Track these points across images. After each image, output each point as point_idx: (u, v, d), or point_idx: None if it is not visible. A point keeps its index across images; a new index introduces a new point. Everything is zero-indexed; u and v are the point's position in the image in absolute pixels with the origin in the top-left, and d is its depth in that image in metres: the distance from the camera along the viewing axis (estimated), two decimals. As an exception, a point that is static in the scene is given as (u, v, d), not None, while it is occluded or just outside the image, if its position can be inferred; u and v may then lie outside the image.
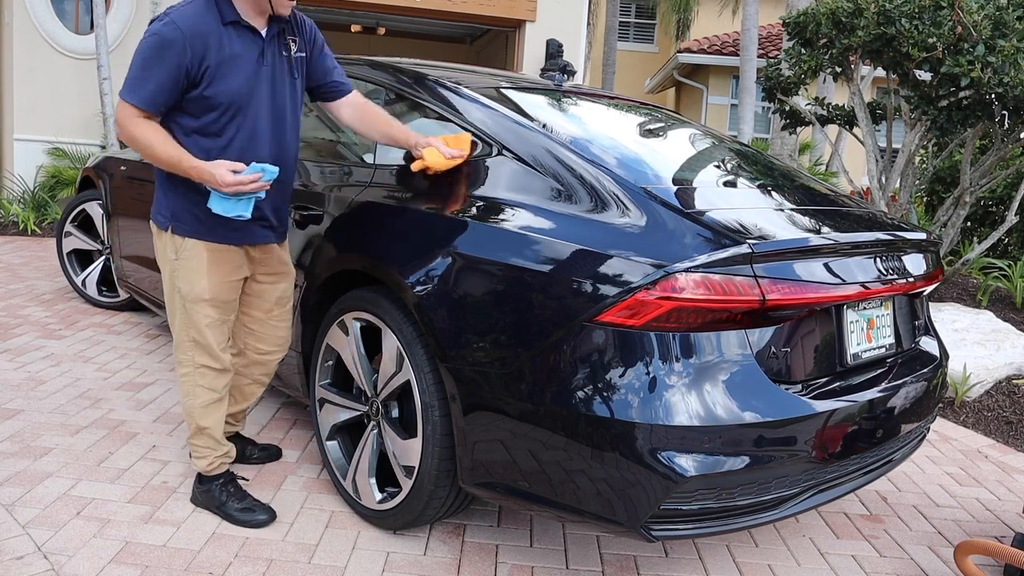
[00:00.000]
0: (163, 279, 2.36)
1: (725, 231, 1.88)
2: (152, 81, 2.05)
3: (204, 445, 2.40)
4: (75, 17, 8.38)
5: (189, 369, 2.35)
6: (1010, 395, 3.99)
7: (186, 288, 2.28)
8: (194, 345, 2.33)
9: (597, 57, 16.94)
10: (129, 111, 2.09)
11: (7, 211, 7.65)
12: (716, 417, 1.81)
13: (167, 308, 2.39)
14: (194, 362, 2.34)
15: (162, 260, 2.33)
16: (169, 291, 2.34)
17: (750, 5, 10.17)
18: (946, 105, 4.42)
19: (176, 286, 2.30)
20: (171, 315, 2.36)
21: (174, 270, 2.29)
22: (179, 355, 2.36)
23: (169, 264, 2.30)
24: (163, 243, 2.30)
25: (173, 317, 2.35)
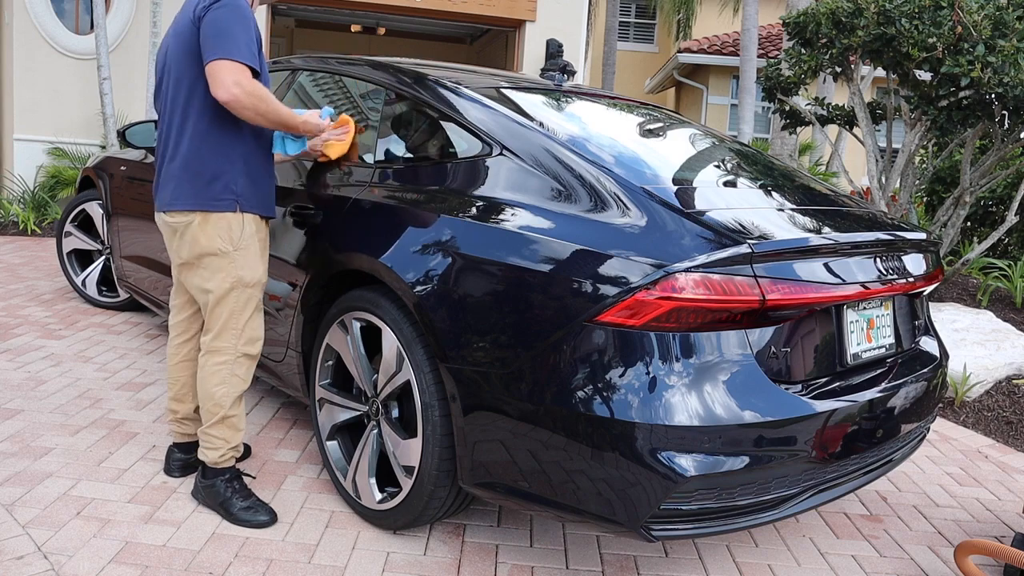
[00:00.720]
0: (203, 274, 2.30)
1: (725, 231, 1.88)
2: (249, 43, 2.15)
3: (220, 436, 2.38)
4: (75, 17, 8.39)
5: (229, 357, 2.35)
6: (1010, 395, 3.99)
7: (249, 274, 2.32)
8: (239, 333, 2.35)
9: (597, 57, 16.94)
10: (244, 71, 2.14)
11: (7, 211, 7.65)
12: (716, 417, 1.81)
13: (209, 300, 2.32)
14: (236, 350, 2.35)
15: (211, 251, 2.27)
16: (220, 282, 2.29)
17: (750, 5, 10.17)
18: (946, 105, 4.42)
19: (236, 276, 2.30)
20: (214, 307, 2.32)
21: (232, 260, 2.29)
22: (217, 343, 2.34)
23: (224, 256, 2.28)
24: (216, 231, 2.26)
25: (218, 308, 2.32)
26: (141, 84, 8.30)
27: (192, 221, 2.27)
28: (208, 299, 2.32)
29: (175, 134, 2.28)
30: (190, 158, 2.25)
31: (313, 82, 3.13)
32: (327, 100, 3.03)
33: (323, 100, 3.04)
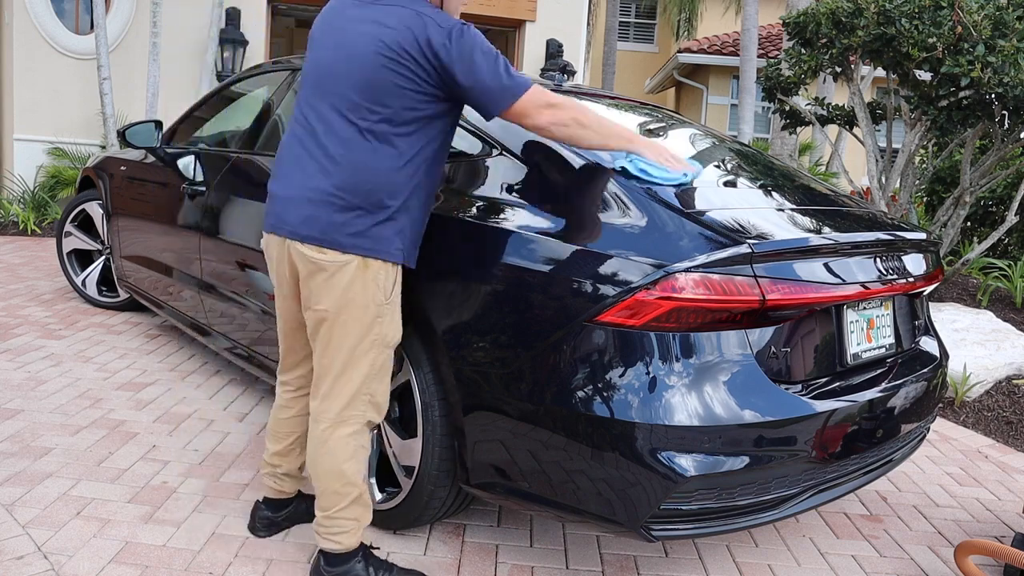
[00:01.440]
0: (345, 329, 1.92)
1: (725, 231, 1.88)
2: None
3: (353, 517, 2.02)
4: (75, 17, 8.39)
5: (357, 427, 2.00)
6: (1010, 395, 3.99)
7: (391, 333, 1.99)
8: (369, 400, 2.00)
9: (597, 57, 16.94)
10: (546, 92, 1.92)
11: (7, 211, 7.65)
12: (716, 417, 1.81)
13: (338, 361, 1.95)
14: (363, 419, 2.01)
15: (359, 305, 1.91)
16: (357, 341, 1.93)
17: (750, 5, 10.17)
18: (946, 105, 4.42)
19: (380, 333, 1.96)
20: (346, 369, 1.95)
21: (380, 315, 1.95)
22: (346, 413, 1.97)
23: (374, 308, 1.93)
24: (372, 282, 1.91)
25: (351, 370, 1.95)
26: (141, 84, 8.30)
27: (350, 263, 1.90)
28: (340, 360, 1.95)
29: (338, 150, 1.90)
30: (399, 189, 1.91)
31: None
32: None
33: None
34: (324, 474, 2.00)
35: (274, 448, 2.24)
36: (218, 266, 3.17)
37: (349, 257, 1.88)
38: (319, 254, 1.88)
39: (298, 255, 1.93)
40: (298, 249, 1.92)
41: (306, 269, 1.92)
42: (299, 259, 1.93)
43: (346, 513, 2.01)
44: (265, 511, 2.31)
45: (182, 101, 8.00)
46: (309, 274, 1.92)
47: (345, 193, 1.87)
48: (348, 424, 1.99)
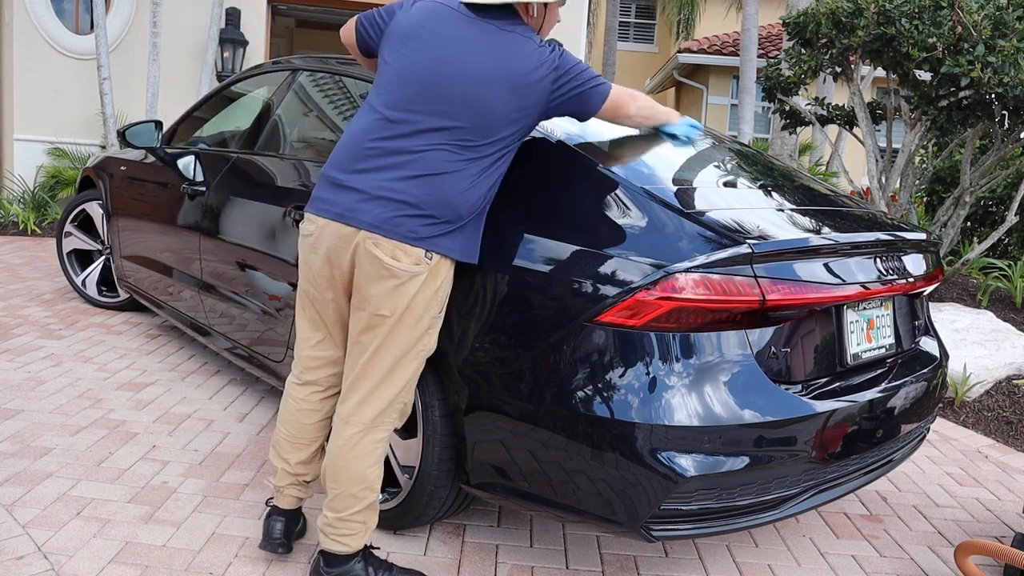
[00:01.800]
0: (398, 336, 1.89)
1: (725, 231, 1.88)
2: None
3: (363, 520, 2.01)
4: (75, 17, 8.38)
5: (386, 435, 1.99)
6: (1010, 395, 3.99)
7: (433, 343, 1.98)
8: (401, 408, 1.99)
9: (597, 57, 16.93)
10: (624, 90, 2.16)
11: (7, 211, 7.65)
12: (716, 417, 1.81)
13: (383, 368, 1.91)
14: (392, 426, 2.00)
15: (417, 315, 1.89)
16: (406, 350, 1.91)
17: (750, 5, 10.16)
18: (946, 105, 4.42)
19: (428, 344, 1.96)
20: (389, 376, 1.92)
21: (432, 327, 1.95)
22: (379, 419, 1.95)
23: (427, 320, 1.92)
24: (434, 295, 1.91)
25: (393, 378, 1.93)
26: (141, 84, 8.30)
27: (420, 275, 1.87)
28: (385, 366, 1.91)
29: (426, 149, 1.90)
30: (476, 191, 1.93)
31: (313, 82, 3.13)
32: (327, 100, 3.03)
33: (323, 100, 3.04)
34: (346, 478, 1.95)
35: (299, 457, 2.12)
36: (218, 266, 3.17)
37: (421, 268, 1.86)
38: (393, 260, 1.84)
39: (369, 257, 1.86)
40: (370, 251, 1.85)
41: (375, 272, 1.86)
42: (368, 260, 1.86)
43: (358, 517, 1.99)
44: (286, 523, 2.17)
45: (182, 101, 8.00)
46: (378, 278, 1.86)
47: (427, 205, 1.86)
48: (379, 430, 1.96)
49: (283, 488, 2.16)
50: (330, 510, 2.00)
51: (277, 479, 2.16)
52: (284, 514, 2.18)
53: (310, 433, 2.12)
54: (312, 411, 2.11)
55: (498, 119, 1.90)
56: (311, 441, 2.12)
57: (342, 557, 2.01)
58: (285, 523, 2.17)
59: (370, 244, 1.85)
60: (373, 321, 1.89)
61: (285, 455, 2.13)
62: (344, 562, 2.01)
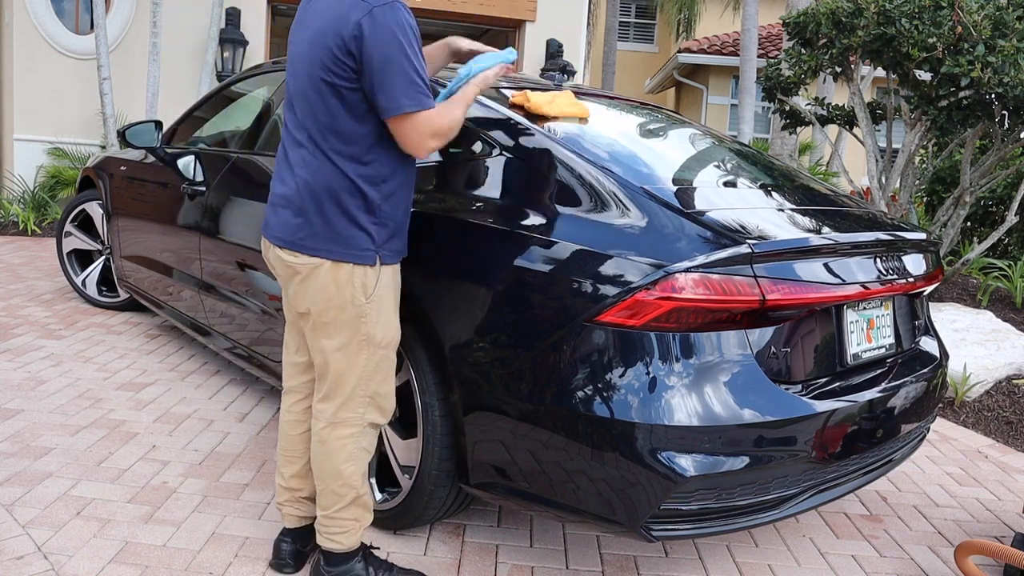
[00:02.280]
0: (328, 330, 1.91)
1: (725, 231, 1.88)
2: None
3: (352, 517, 2.01)
4: (75, 17, 8.38)
5: (356, 429, 1.98)
6: (1010, 395, 3.99)
7: (380, 333, 1.95)
8: (369, 401, 1.98)
9: (597, 57, 16.93)
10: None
11: (7, 211, 7.65)
12: (716, 417, 1.81)
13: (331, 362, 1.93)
14: (363, 420, 1.99)
15: (337, 306, 1.89)
16: (346, 342, 1.92)
17: (750, 5, 10.16)
18: (946, 105, 4.42)
19: (367, 333, 1.93)
20: (342, 372, 1.94)
21: (363, 315, 1.91)
22: (343, 414, 1.96)
23: (354, 308, 1.90)
24: (348, 284, 1.88)
25: (346, 373, 1.94)
26: (141, 84, 8.30)
27: (321, 265, 1.89)
28: (331, 361, 1.94)
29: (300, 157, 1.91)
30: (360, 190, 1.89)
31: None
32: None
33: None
34: (324, 474, 1.99)
35: (290, 470, 2.12)
36: (218, 266, 3.17)
37: (318, 260, 1.88)
38: (292, 258, 1.90)
39: (277, 260, 1.96)
40: (277, 254, 1.95)
41: (285, 273, 1.95)
42: (278, 264, 1.96)
43: (345, 513, 2.00)
44: (292, 544, 2.14)
45: (182, 101, 8.00)
46: (288, 278, 1.94)
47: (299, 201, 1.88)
48: (346, 426, 1.97)
49: (282, 505, 2.16)
50: (319, 508, 2.03)
51: (277, 496, 2.17)
52: (291, 534, 2.15)
53: (298, 445, 2.12)
54: (297, 422, 2.12)
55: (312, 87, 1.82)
56: (301, 454, 2.12)
57: (341, 556, 2.02)
58: (292, 543, 2.15)
59: (276, 251, 1.95)
60: (303, 320, 1.96)
61: (281, 469, 2.15)
62: (344, 561, 2.02)
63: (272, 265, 2.01)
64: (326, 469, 1.98)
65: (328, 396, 1.97)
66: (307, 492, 2.14)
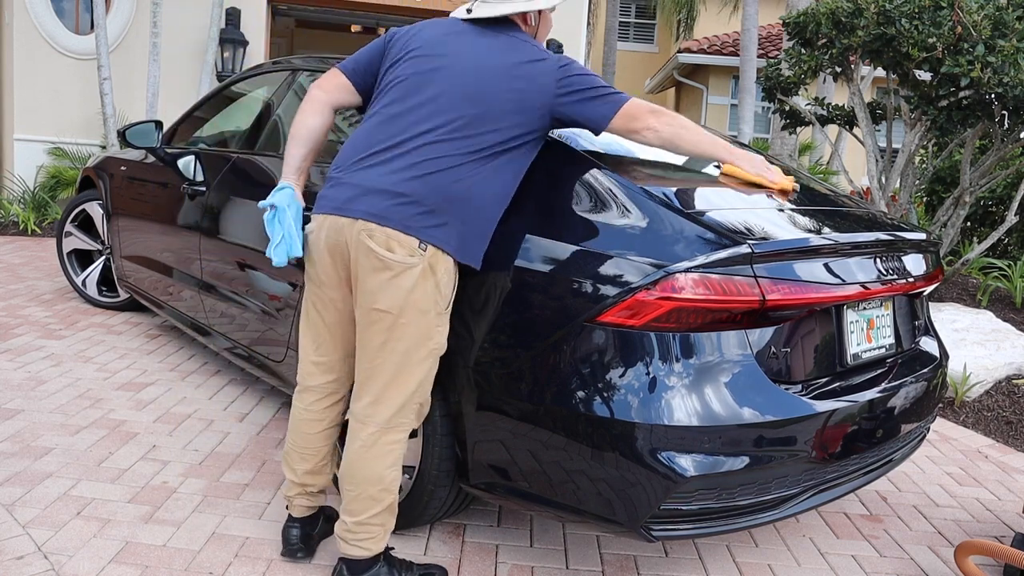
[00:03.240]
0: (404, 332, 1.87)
1: (725, 231, 1.88)
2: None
3: (381, 523, 1.99)
4: (75, 17, 8.38)
5: (403, 436, 1.96)
6: (1010, 395, 3.99)
7: (443, 341, 1.96)
8: (418, 409, 1.97)
9: (597, 57, 16.93)
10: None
11: (7, 211, 7.65)
12: (716, 417, 1.81)
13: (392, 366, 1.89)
14: (410, 427, 1.97)
15: (420, 309, 1.87)
16: (414, 347, 1.89)
17: (750, 5, 10.16)
18: (946, 105, 4.42)
19: (439, 342, 1.94)
20: (400, 375, 1.90)
21: (440, 323, 1.93)
22: (397, 419, 1.93)
23: (434, 316, 1.90)
24: (435, 288, 1.88)
25: (406, 377, 1.90)
26: (141, 84, 8.30)
27: (418, 265, 1.85)
28: (392, 363, 1.89)
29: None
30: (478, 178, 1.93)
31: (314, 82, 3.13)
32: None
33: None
34: (363, 479, 1.93)
35: (305, 467, 2.12)
36: (218, 266, 3.17)
37: (415, 260, 1.85)
38: (387, 252, 1.84)
39: (364, 249, 1.86)
40: (365, 243, 1.85)
41: (370, 264, 1.85)
42: (363, 253, 1.86)
43: (377, 519, 1.97)
44: (302, 530, 2.18)
45: (182, 101, 8.00)
46: (372, 270, 1.85)
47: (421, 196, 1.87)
48: (397, 431, 1.94)
49: (292, 498, 2.17)
50: (348, 514, 1.98)
51: (286, 489, 2.18)
52: (298, 521, 2.18)
53: (314, 443, 2.11)
54: (315, 420, 2.10)
55: (494, 108, 1.92)
56: (316, 451, 2.12)
57: (365, 562, 2.00)
58: (300, 528, 2.17)
59: (364, 236, 1.85)
60: (372, 316, 1.88)
61: (293, 465, 2.14)
62: (368, 567, 2.00)
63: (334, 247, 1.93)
64: (367, 475, 1.93)
65: (381, 400, 1.91)
66: (317, 488, 2.16)
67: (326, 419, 2.11)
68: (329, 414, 2.11)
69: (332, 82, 2.12)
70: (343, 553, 2.01)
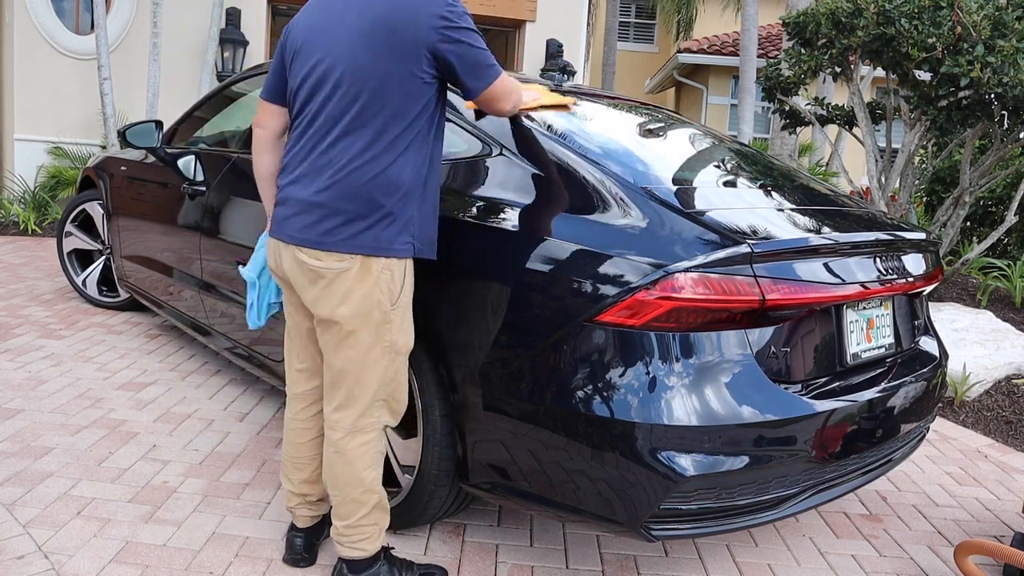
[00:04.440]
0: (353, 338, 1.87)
1: (725, 231, 1.88)
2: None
3: (374, 522, 2.00)
4: (75, 17, 8.39)
5: (374, 435, 1.96)
6: (1009, 395, 3.99)
7: (402, 338, 1.95)
8: (384, 405, 1.97)
9: (597, 57, 16.94)
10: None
11: (8, 211, 7.65)
12: (716, 417, 1.81)
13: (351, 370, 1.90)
14: (378, 425, 1.97)
15: (364, 312, 1.86)
16: (366, 348, 1.89)
17: (750, 5, 10.16)
18: (946, 105, 4.42)
19: (389, 339, 1.91)
20: (360, 378, 1.91)
21: (388, 321, 1.90)
22: (362, 422, 1.94)
23: (380, 314, 1.88)
24: (376, 284, 1.86)
25: (364, 379, 1.91)
26: (141, 84, 8.30)
27: (350, 268, 1.85)
28: (350, 368, 1.91)
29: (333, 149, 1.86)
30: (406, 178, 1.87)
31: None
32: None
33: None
34: (343, 483, 1.95)
35: (300, 476, 2.13)
36: (218, 266, 3.18)
37: (346, 264, 1.83)
38: (316, 262, 1.85)
39: (297, 263, 1.89)
40: (297, 257, 1.88)
41: (304, 277, 1.88)
42: (297, 267, 1.89)
43: (367, 520, 1.99)
44: (305, 539, 2.18)
45: (182, 101, 8.00)
46: (308, 282, 1.88)
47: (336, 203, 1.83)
48: (365, 432, 1.96)
49: (294, 509, 2.18)
50: (338, 519, 2.00)
51: (287, 500, 2.18)
52: (303, 531, 2.19)
53: (306, 452, 2.13)
54: (304, 429, 2.12)
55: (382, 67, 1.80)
56: (309, 460, 2.13)
57: (364, 562, 2.01)
58: (305, 539, 2.18)
59: (295, 251, 1.89)
60: (321, 326, 1.92)
61: (289, 475, 2.16)
62: (367, 566, 2.01)
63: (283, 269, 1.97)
64: (346, 479, 1.95)
65: (345, 405, 1.94)
66: (317, 495, 2.17)
67: (315, 427, 2.12)
68: (317, 422, 2.12)
69: (263, 116, 2.08)
70: (341, 555, 2.02)
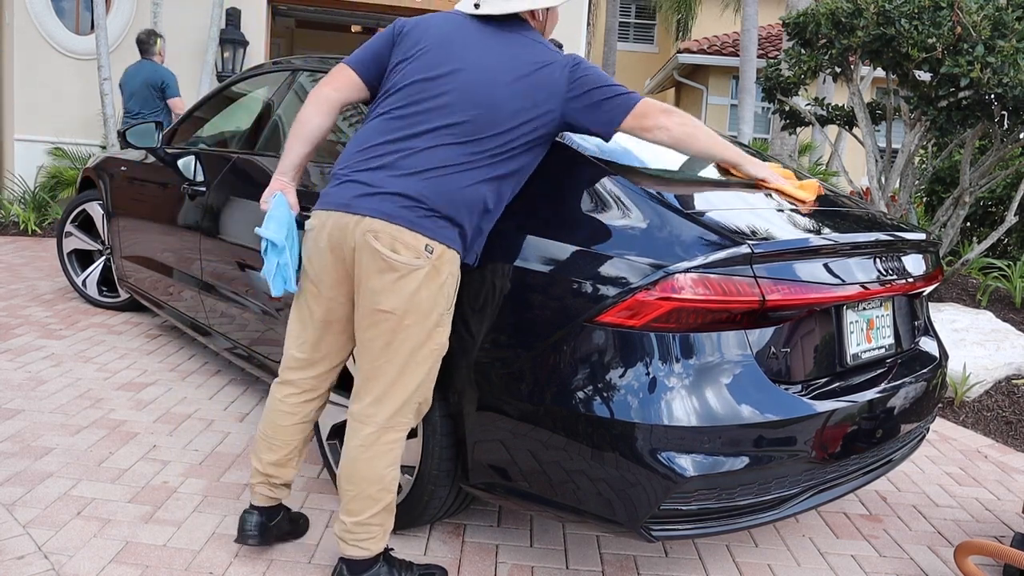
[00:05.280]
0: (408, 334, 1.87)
1: (725, 232, 1.88)
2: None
3: (380, 523, 1.98)
4: (75, 17, 8.38)
5: (402, 435, 1.96)
6: (1009, 395, 3.99)
7: (445, 341, 1.96)
8: (418, 408, 1.97)
9: (597, 57, 16.94)
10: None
11: (8, 211, 7.65)
12: (716, 417, 1.81)
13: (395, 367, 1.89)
14: (408, 426, 1.97)
15: (424, 311, 1.87)
16: (417, 347, 1.89)
17: (750, 5, 10.16)
18: (946, 105, 4.42)
19: (439, 342, 1.93)
20: (402, 375, 1.90)
21: (441, 324, 1.92)
22: (397, 419, 1.93)
23: (436, 316, 1.90)
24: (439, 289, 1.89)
25: (407, 377, 1.90)
26: (141, 84, 8.28)
27: (422, 267, 1.85)
28: (395, 364, 1.89)
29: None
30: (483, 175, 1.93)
31: (313, 82, 3.13)
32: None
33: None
34: (362, 479, 1.93)
35: (271, 458, 2.12)
36: (218, 266, 3.18)
37: (421, 262, 1.84)
38: (392, 253, 1.83)
39: (368, 250, 1.84)
40: (370, 244, 1.84)
41: (374, 265, 1.84)
42: (368, 253, 1.85)
43: (376, 519, 1.97)
44: (257, 518, 2.16)
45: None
46: (377, 271, 1.84)
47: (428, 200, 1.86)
48: (396, 430, 1.94)
49: (255, 485, 2.16)
50: (347, 514, 1.97)
51: (252, 477, 2.17)
52: (257, 509, 2.17)
53: (284, 435, 2.11)
54: (288, 413, 2.10)
55: (504, 111, 1.91)
56: (285, 443, 2.11)
57: (365, 562, 1.99)
58: (258, 517, 2.16)
59: (370, 237, 1.84)
60: (376, 317, 1.87)
61: (260, 454, 2.13)
62: (368, 567, 1.99)
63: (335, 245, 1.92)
64: (367, 474, 1.93)
65: (382, 400, 1.91)
66: (281, 480, 2.15)
67: (300, 413, 2.11)
68: (304, 409, 2.11)
69: (341, 79, 2.07)
70: (343, 554, 2.01)
